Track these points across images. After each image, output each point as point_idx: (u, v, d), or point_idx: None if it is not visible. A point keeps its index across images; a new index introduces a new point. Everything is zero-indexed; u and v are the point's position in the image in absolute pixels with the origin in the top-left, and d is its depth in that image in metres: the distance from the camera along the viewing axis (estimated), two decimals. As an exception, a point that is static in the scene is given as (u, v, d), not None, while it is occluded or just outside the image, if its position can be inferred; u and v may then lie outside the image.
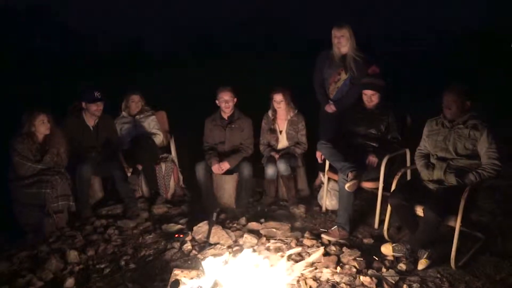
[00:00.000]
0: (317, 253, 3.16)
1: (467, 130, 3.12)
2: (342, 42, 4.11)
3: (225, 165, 4.18)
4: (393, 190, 3.36)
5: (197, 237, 3.61)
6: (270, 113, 4.47)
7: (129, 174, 4.26)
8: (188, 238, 3.59)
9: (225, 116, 4.34)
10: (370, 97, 3.84)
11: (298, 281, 2.91)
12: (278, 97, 4.30)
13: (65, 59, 16.52)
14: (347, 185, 3.51)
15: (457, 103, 3.12)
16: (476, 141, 3.09)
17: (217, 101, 4.31)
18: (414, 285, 2.86)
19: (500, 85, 9.13)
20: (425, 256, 3.06)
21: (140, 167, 4.28)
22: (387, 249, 3.25)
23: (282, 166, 4.18)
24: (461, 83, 3.19)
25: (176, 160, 4.73)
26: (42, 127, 3.80)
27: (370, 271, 3.02)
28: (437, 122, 3.31)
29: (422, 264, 3.04)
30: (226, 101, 4.23)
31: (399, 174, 3.44)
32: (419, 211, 3.13)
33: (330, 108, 4.31)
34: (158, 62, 16.12)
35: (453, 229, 3.01)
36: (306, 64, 4.83)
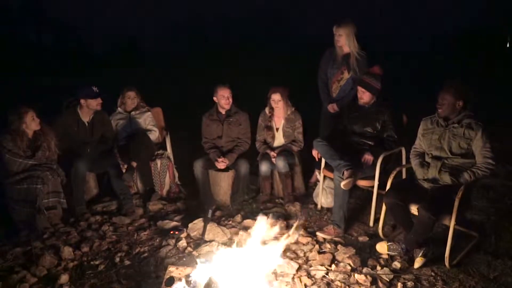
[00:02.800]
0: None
1: (462, 129, 3.13)
2: (341, 41, 4.12)
3: (225, 162, 4.22)
4: (388, 189, 3.37)
5: (192, 234, 3.61)
6: (267, 110, 4.47)
7: (124, 171, 4.24)
8: (183, 235, 3.59)
9: (223, 111, 4.35)
10: (361, 94, 3.85)
11: (293, 278, 2.93)
12: (276, 97, 4.31)
13: (59, 54, 16.44)
14: (342, 183, 3.51)
15: (449, 102, 3.12)
16: (471, 140, 3.10)
17: (214, 98, 4.33)
18: (409, 283, 2.87)
19: (497, 84, 9.19)
20: (420, 254, 3.07)
21: (134, 164, 4.26)
22: (382, 248, 3.26)
23: (281, 163, 4.19)
24: (456, 81, 3.18)
25: (171, 157, 4.72)
26: (33, 123, 3.76)
27: (364, 269, 3.03)
28: (432, 121, 3.32)
29: (417, 263, 3.06)
30: (226, 98, 4.27)
31: (394, 173, 3.45)
32: (414, 210, 3.14)
33: (333, 107, 4.35)
34: (154, 58, 16.06)
35: (448, 228, 3.03)
36: (304, 62, 4.84)
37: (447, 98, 3.13)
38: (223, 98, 4.27)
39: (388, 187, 3.40)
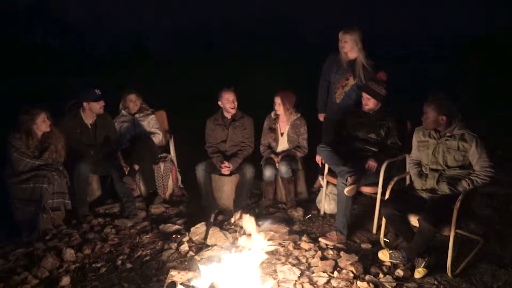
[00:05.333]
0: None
1: (455, 142, 3.10)
2: (346, 47, 4.10)
3: (230, 167, 4.21)
4: (386, 200, 3.34)
5: (194, 238, 3.60)
6: (272, 114, 4.47)
7: (126, 173, 4.24)
8: (185, 239, 3.59)
9: (228, 115, 4.35)
10: (367, 101, 3.85)
11: (295, 284, 2.91)
12: (277, 100, 4.32)
13: (64, 55, 16.50)
14: (346, 190, 3.50)
15: (431, 116, 3.14)
16: (466, 152, 3.08)
17: (219, 102, 4.32)
18: (411, 291, 2.86)
19: (501, 91, 9.15)
20: (422, 265, 3.04)
21: (137, 167, 4.26)
22: (384, 255, 3.24)
23: (284, 169, 4.18)
24: (438, 97, 3.16)
25: (175, 160, 4.72)
26: (43, 125, 3.78)
27: (367, 277, 3.01)
28: (424, 132, 3.30)
29: (419, 273, 3.03)
30: (231, 102, 4.27)
31: (392, 183, 3.42)
32: (413, 221, 3.12)
33: (321, 117, 4.47)
34: (158, 60, 16.08)
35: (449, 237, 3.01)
36: (313, 67, 4.83)
37: (429, 113, 3.14)
38: (228, 102, 4.26)
39: (387, 196, 3.38)
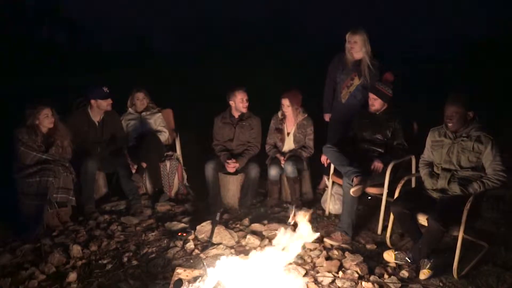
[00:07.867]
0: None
1: (471, 143, 3.08)
2: (355, 48, 4.12)
3: (235, 165, 4.23)
4: (396, 198, 3.35)
5: (200, 236, 3.62)
6: (279, 114, 4.48)
7: (133, 171, 4.26)
8: (191, 237, 3.61)
9: (236, 114, 4.37)
10: (373, 101, 3.85)
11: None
12: (285, 102, 4.31)
13: (70, 53, 16.61)
14: (351, 190, 3.50)
15: (459, 115, 3.09)
16: (480, 154, 3.07)
17: (230, 101, 4.34)
18: (416, 293, 2.86)
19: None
20: (427, 266, 3.04)
21: (144, 165, 4.28)
22: (389, 256, 3.24)
23: (289, 168, 4.18)
24: (462, 92, 3.14)
25: (180, 159, 4.74)
26: (46, 120, 3.82)
27: (372, 277, 3.01)
28: (440, 132, 3.28)
29: (424, 274, 3.02)
30: (245, 101, 4.31)
31: (402, 182, 3.43)
32: (422, 220, 3.12)
33: (327, 117, 4.49)
34: (163, 60, 16.12)
35: (456, 237, 3.01)
36: (316, 65, 4.83)
37: (457, 111, 3.08)
38: (242, 102, 4.30)
39: (396, 195, 3.38)
